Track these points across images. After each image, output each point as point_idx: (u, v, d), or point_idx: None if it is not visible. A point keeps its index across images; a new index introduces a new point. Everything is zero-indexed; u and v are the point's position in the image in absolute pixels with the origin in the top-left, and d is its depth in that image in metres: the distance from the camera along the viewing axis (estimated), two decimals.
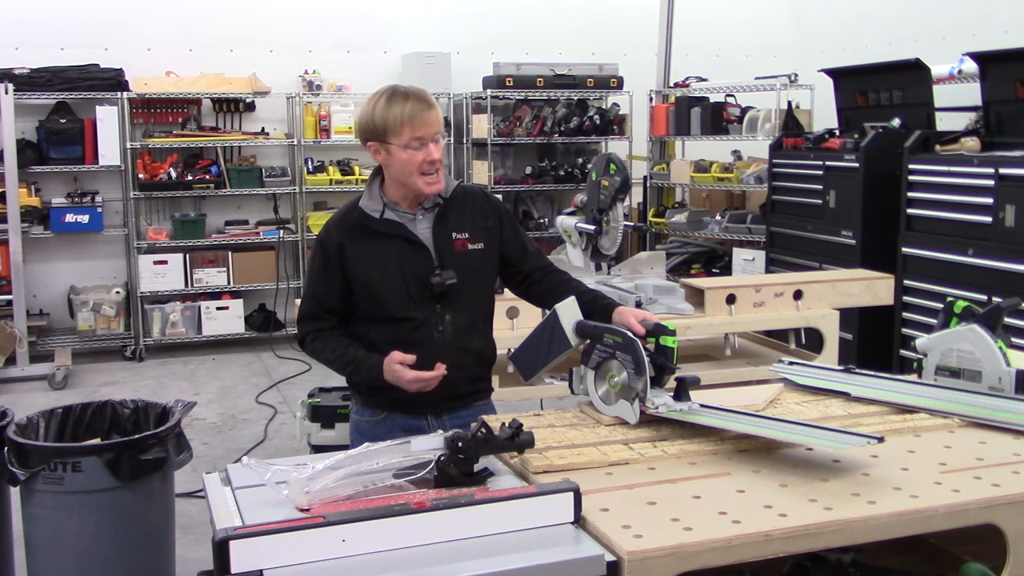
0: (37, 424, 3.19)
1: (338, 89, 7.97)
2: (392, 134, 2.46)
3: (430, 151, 2.46)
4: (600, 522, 1.73)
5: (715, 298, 3.98)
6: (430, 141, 2.47)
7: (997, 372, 2.45)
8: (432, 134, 2.47)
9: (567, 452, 2.10)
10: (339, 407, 4.65)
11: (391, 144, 2.47)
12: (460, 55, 8.17)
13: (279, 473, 1.85)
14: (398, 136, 2.45)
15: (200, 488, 2.64)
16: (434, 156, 2.47)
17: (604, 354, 2.35)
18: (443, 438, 1.92)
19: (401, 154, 2.47)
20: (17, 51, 7.26)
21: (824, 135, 6.31)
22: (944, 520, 1.84)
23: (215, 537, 1.57)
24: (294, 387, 6.59)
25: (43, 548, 2.99)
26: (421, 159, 2.46)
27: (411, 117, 2.44)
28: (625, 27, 8.54)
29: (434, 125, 2.47)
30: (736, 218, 7.58)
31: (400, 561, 1.61)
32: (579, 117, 8.24)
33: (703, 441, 2.17)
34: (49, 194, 7.37)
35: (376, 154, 2.54)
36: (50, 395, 6.45)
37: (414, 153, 2.46)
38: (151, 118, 7.64)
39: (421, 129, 2.45)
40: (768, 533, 1.71)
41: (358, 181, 7.99)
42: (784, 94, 7.26)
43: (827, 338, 4.07)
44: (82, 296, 7.44)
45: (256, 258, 7.87)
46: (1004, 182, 4.84)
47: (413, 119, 2.44)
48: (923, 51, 6.11)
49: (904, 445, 2.16)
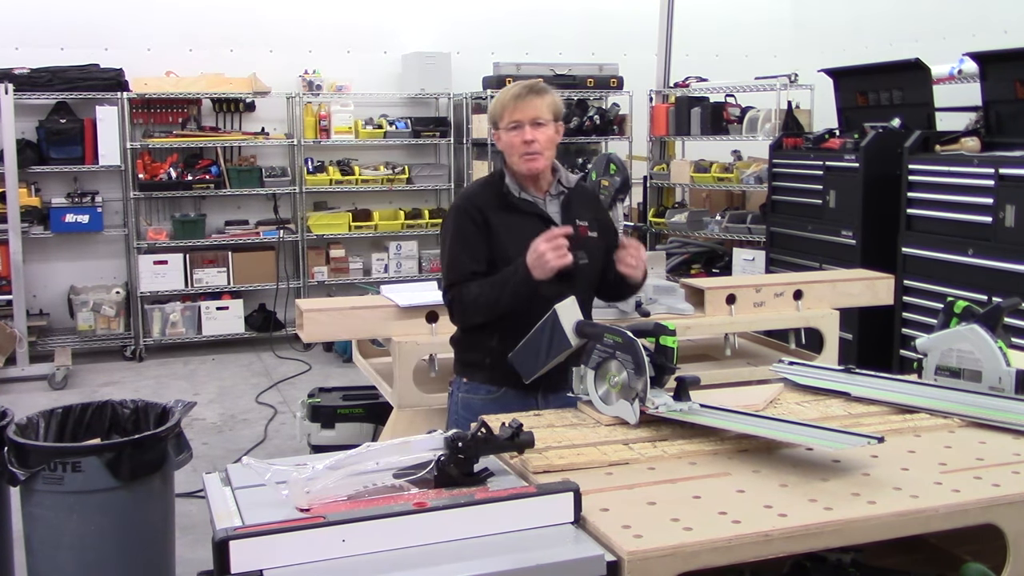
0: (37, 424, 3.19)
1: (338, 89, 7.97)
2: (499, 120, 2.75)
3: (525, 132, 2.69)
4: (600, 522, 1.73)
5: (715, 298, 3.98)
6: (527, 124, 2.69)
7: (997, 372, 2.45)
8: (530, 118, 2.69)
9: (567, 452, 2.10)
10: (339, 407, 4.66)
11: (499, 129, 2.76)
12: (460, 55, 8.17)
13: (279, 473, 1.85)
14: (502, 121, 2.73)
15: (200, 488, 2.64)
16: (528, 136, 2.69)
17: (604, 354, 2.35)
18: (443, 438, 1.92)
19: (505, 137, 2.74)
20: (17, 51, 7.27)
21: (824, 135, 6.31)
22: (944, 520, 1.84)
23: (215, 537, 1.57)
24: (294, 387, 6.60)
25: (43, 548, 2.99)
26: (518, 140, 2.70)
27: (509, 103, 2.71)
28: (625, 27, 8.54)
29: (531, 110, 2.69)
30: (736, 218, 7.57)
31: (400, 561, 1.60)
32: (579, 117, 8.24)
33: (703, 441, 2.17)
34: (49, 194, 7.37)
35: (496, 140, 2.82)
36: (50, 395, 6.45)
37: (512, 135, 2.71)
38: (151, 118, 7.64)
39: (517, 113, 2.69)
40: (768, 533, 1.71)
41: (358, 181, 8.00)
42: (784, 94, 7.25)
43: (827, 338, 4.07)
44: (82, 296, 7.45)
45: (256, 258, 7.87)
46: (1004, 182, 4.84)
47: (511, 104, 2.70)
48: (923, 51, 6.11)
49: (904, 445, 2.16)
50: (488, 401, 2.77)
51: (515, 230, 2.72)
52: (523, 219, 2.74)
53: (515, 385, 2.71)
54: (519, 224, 2.73)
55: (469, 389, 2.84)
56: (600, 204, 2.99)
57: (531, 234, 2.67)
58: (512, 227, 2.73)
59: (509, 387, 2.75)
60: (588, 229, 2.81)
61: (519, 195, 2.77)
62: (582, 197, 2.89)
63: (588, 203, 2.91)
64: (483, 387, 2.80)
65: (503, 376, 2.73)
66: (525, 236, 2.67)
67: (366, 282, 7.83)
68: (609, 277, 2.86)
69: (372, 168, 8.15)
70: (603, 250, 2.85)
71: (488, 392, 2.79)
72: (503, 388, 2.77)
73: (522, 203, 2.76)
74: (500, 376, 2.75)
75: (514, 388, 2.74)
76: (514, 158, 2.72)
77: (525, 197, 2.77)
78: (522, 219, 2.74)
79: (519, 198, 2.76)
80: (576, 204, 2.84)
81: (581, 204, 2.86)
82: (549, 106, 2.72)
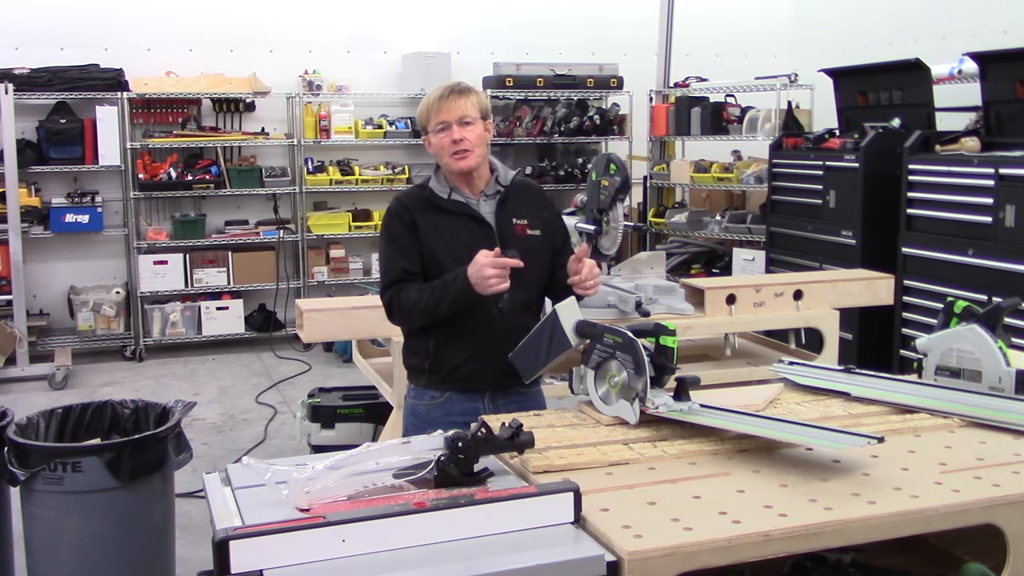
0: (37, 424, 3.19)
1: (338, 89, 7.97)
2: (427, 123, 2.75)
3: (453, 132, 2.68)
4: (600, 522, 1.73)
5: (715, 298, 3.98)
6: (455, 124, 2.69)
7: (997, 372, 2.45)
8: (456, 118, 2.69)
9: (567, 452, 2.10)
10: (339, 407, 4.66)
11: (428, 132, 2.76)
12: (460, 55, 8.16)
13: (279, 473, 1.85)
14: (430, 123, 2.74)
15: (200, 488, 2.64)
16: (455, 136, 2.68)
17: (604, 354, 2.35)
18: (443, 438, 1.92)
19: (434, 139, 2.74)
20: (17, 51, 7.26)
21: (824, 135, 6.31)
22: (944, 520, 1.84)
23: (215, 537, 1.57)
24: (294, 387, 6.60)
25: (43, 548, 2.99)
26: (447, 141, 2.70)
27: (436, 105, 2.71)
28: (625, 27, 8.54)
29: (457, 110, 2.70)
30: (736, 218, 7.58)
31: (400, 561, 1.60)
32: (579, 117, 8.24)
33: (703, 441, 2.17)
34: (49, 194, 7.37)
35: (427, 146, 2.80)
36: (50, 395, 6.45)
37: (441, 136, 2.71)
38: (151, 118, 7.64)
39: (443, 114, 2.70)
40: (768, 533, 1.71)
41: (358, 181, 8.00)
42: (784, 94, 7.26)
43: (827, 338, 4.07)
44: (82, 296, 7.44)
45: (256, 258, 7.87)
46: (1004, 182, 4.84)
47: (437, 105, 2.71)
48: (923, 51, 6.11)
49: (904, 445, 2.16)
50: (433, 406, 2.76)
51: (444, 231, 2.72)
52: (452, 220, 2.73)
53: (459, 389, 2.73)
54: (448, 225, 2.72)
55: (415, 395, 2.83)
56: (547, 201, 2.92)
57: (461, 235, 2.70)
58: (441, 228, 2.72)
59: (452, 391, 2.74)
60: (527, 228, 2.78)
61: (449, 197, 2.74)
62: (524, 194, 2.85)
63: (531, 200, 2.86)
64: (427, 392, 2.79)
65: (443, 380, 2.74)
66: (456, 237, 2.70)
67: (366, 282, 7.83)
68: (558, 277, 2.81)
69: (372, 168, 8.15)
70: (547, 249, 2.82)
71: (432, 398, 2.77)
72: (446, 392, 2.75)
73: (451, 204, 2.74)
74: (440, 380, 2.75)
75: (458, 392, 2.74)
76: (445, 159, 2.71)
77: (456, 198, 2.75)
78: (451, 220, 2.73)
79: (448, 200, 2.74)
80: (514, 202, 2.80)
81: (521, 202, 2.82)
82: (475, 104, 2.72)
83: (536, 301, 2.84)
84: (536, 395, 2.87)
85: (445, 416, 2.68)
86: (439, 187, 2.77)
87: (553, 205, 2.95)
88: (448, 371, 2.73)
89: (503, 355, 2.62)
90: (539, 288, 2.84)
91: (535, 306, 2.84)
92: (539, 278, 2.81)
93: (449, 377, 2.74)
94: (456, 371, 2.73)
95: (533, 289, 2.80)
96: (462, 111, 2.69)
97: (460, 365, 2.72)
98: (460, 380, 2.74)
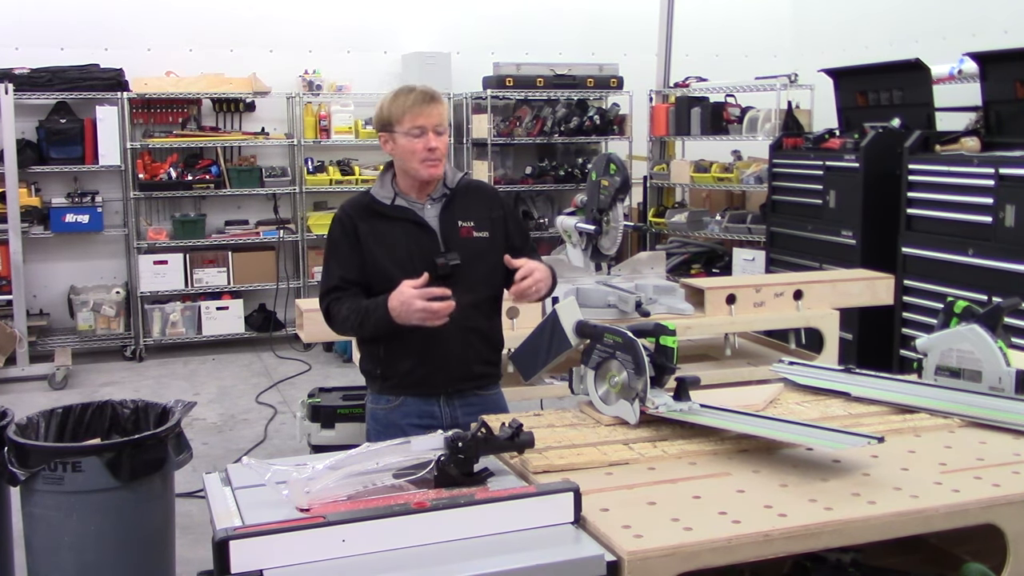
0: (37, 424, 3.19)
1: (338, 89, 7.97)
2: (396, 123, 2.66)
3: (429, 139, 2.64)
4: (600, 522, 1.73)
5: (715, 298, 3.98)
6: (431, 130, 2.64)
7: (997, 372, 2.45)
8: (433, 124, 2.65)
9: (567, 452, 2.10)
10: (339, 407, 4.65)
11: (396, 133, 2.67)
12: (460, 55, 8.16)
13: (279, 473, 1.85)
14: (400, 124, 2.65)
15: (200, 488, 2.64)
16: (432, 144, 2.64)
17: (604, 354, 2.35)
18: (443, 438, 1.92)
19: (403, 141, 2.66)
20: (17, 51, 7.26)
21: (824, 135, 6.31)
22: (944, 520, 1.84)
23: (215, 537, 1.57)
24: (294, 387, 6.59)
25: (43, 548, 2.99)
26: (421, 146, 2.64)
27: (412, 107, 2.64)
28: (625, 27, 8.54)
29: (435, 117, 2.66)
30: (736, 218, 7.58)
31: (400, 561, 1.61)
32: (579, 117, 8.24)
33: (703, 441, 2.17)
34: (49, 194, 7.37)
35: (385, 144, 2.73)
36: (50, 395, 6.45)
37: (414, 140, 2.64)
38: (151, 118, 7.64)
39: (421, 119, 2.64)
40: (768, 533, 1.71)
41: (358, 181, 7.99)
42: (784, 94, 7.26)
43: (827, 338, 4.07)
44: (82, 296, 7.44)
45: (256, 258, 7.87)
46: (1004, 182, 4.84)
47: (414, 108, 2.64)
48: (923, 51, 6.11)
49: (904, 445, 2.16)
50: (390, 410, 2.75)
51: (386, 237, 2.69)
52: (394, 226, 2.70)
53: (413, 393, 2.73)
54: (390, 232, 2.70)
55: (373, 400, 2.82)
56: (499, 201, 2.86)
57: (403, 241, 2.68)
58: (383, 235, 2.69)
59: (407, 395, 2.74)
60: (474, 230, 2.75)
61: (392, 202, 2.71)
62: (473, 196, 2.80)
63: (479, 201, 2.81)
64: (383, 397, 2.78)
65: (397, 385, 2.74)
66: (398, 244, 2.68)
67: None
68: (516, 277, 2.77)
69: (372, 168, 8.14)
70: (498, 249, 2.76)
71: (388, 402, 2.76)
72: (400, 397, 2.74)
73: (395, 210, 2.71)
74: (393, 386, 2.75)
75: (412, 396, 2.73)
76: (414, 164, 2.66)
77: (400, 203, 2.72)
78: (392, 226, 2.70)
79: (391, 205, 2.71)
80: (460, 204, 2.76)
81: (469, 203, 2.78)
82: (446, 115, 2.72)
83: (488, 304, 2.80)
84: (495, 396, 2.85)
85: (403, 419, 2.70)
86: (382, 193, 2.74)
87: (505, 204, 2.89)
88: (400, 376, 2.72)
89: (455, 358, 2.65)
90: (490, 289, 2.80)
91: (487, 308, 2.80)
92: (489, 279, 2.77)
93: (402, 383, 2.73)
94: (408, 376, 2.71)
95: (482, 291, 2.75)
96: (439, 119, 2.67)
97: (411, 370, 2.70)
98: (413, 385, 2.72)
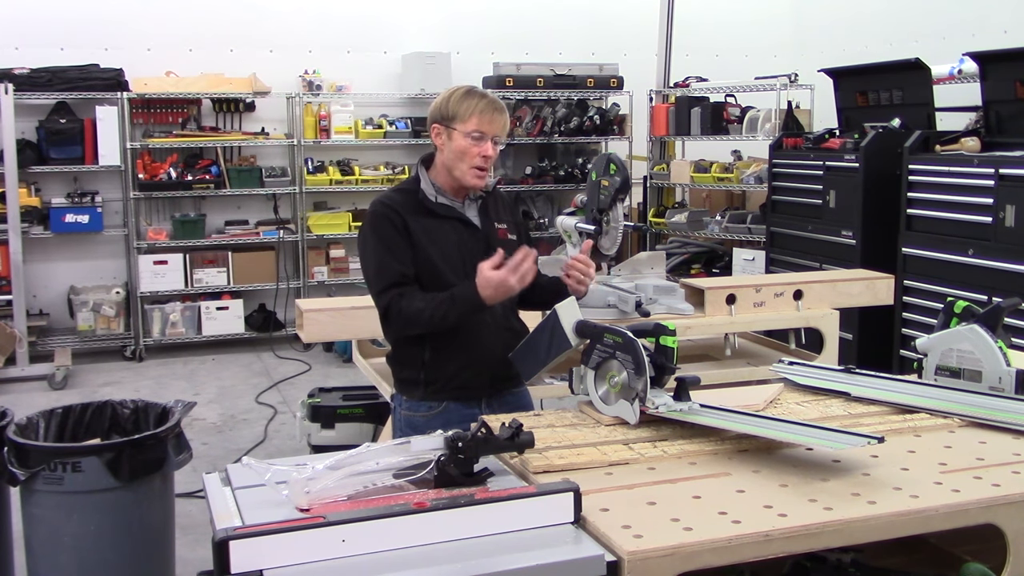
0: (37, 424, 3.19)
1: (338, 89, 7.97)
2: (459, 121, 2.64)
3: (487, 147, 2.64)
4: (600, 522, 1.73)
5: (715, 298, 3.98)
6: (490, 139, 2.65)
7: (997, 372, 2.45)
8: (494, 133, 2.66)
9: (567, 452, 2.10)
10: (339, 407, 4.66)
11: (455, 129, 2.65)
12: (460, 55, 8.16)
13: (279, 473, 1.85)
14: (464, 123, 2.64)
15: (200, 488, 2.64)
16: (488, 152, 2.65)
17: (604, 354, 2.35)
18: (443, 438, 1.92)
19: (461, 141, 2.64)
20: (17, 51, 7.26)
21: (824, 135, 6.31)
22: (944, 520, 1.84)
23: (215, 537, 1.57)
24: (294, 387, 6.60)
25: (43, 548, 2.99)
26: (477, 152, 2.64)
27: (482, 111, 2.63)
28: (625, 27, 8.54)
29: (499, 127, 2.66)
30: (736, 218, 7.57)
31: (400, 561, 1.60)
32: (579, 117, 8.24)
33: (703, 441, 2.17)
34: (49, 194, 7.37)
35: (437, 136, 2.70)
36: (50, 395, 6.45)
37: (472, 144, 2.64)
38: (151, 118, 7.64)
39: (486, 124, 2.64)
40: (768, 533, 1.71)
41: (358, 181, 8.00)
42: (784, 94, 7.26)
43: (827, 338, 4.07)
44: (82, 296, 7.44)
45: (256, 258, 7.87)
46: (1004, 182, 4.84)
47: (483, 113, 2.63)
48: (923, 51, 6.11)
49: (904, 445, 2.16)
50: (430, 417, 2.70)
51: (436, 235, 2.69)
52: (442, 224, 2.70)
53: (456, 398, 2.71)
54: (439, 229, 2.69)
55: (409, 407, 2.78)
56: (515, 207, 2.94)
57: (452, 238, 2.68)
58: (432, 232, 2.69)
59: (450, 400, 2.71)
60: (507, 232, 2.80)
61: (436, 200, 2.72)
62: (498, 201, 2.86)
63: (504, 206, 2.88)
64: (423, 404, 2.74)
65: (440, 390, 2.72)
66: (448, 241, 2.68)
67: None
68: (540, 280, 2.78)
69: (372, 168, 8.15)
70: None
71: (429, 408, 2.73)
72: (443, 403, 2.71)
73: (440, 208, 2.71)
74: (437, 391, 2.72)
75: (455, 401, 2.71)
76: (463, 167, 2.66)
77: (443, 201, 2.72)
78: (441, 224, 2.70)
79: (436, 203, 2.71)
80: (493, 208, 2.81)
81: (498, 208, 2.83)
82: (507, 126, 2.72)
83: (517, 304, 2.84)
84: (524, 394, 2.88)
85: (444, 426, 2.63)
86: (429, 190, 2.73)
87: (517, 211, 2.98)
88: (445, 381, 2.71)
89: (496, 360, 2.64)
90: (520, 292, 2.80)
91: (517, 309, 2.85)
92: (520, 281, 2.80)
93: (446, 387, 2.71)
94: (453, 380, 2.71)
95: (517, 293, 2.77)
96: (502, 129, 2.68)
97: (456, 374, 2.70)
98: (457, 389, 2.72)
